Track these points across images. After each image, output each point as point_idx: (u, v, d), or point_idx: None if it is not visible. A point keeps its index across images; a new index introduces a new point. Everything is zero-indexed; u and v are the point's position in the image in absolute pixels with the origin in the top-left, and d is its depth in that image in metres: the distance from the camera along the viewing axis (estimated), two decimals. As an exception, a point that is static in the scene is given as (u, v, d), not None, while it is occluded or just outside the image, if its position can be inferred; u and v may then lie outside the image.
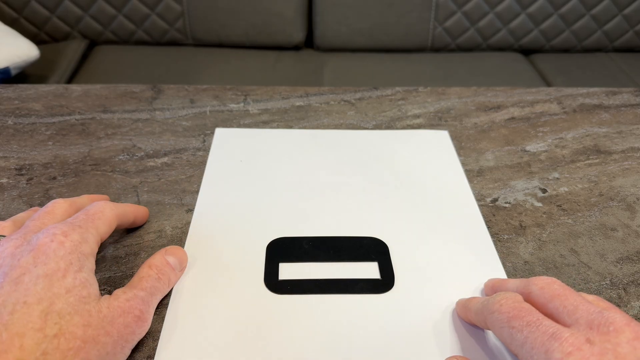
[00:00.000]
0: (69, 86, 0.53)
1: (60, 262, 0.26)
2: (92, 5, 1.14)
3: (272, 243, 0.36)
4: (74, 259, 0.27)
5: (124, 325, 0.27)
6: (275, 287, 0.33)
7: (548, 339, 0.23)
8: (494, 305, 0.27)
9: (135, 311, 0.28)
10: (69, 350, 0.24)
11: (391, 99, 0.54)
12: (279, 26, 1.19)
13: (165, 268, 0.31)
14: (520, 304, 0.26)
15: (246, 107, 0.51)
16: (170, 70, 1.13)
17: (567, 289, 0.27)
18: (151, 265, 0.31)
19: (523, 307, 0.26)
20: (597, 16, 1.20)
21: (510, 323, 0.25)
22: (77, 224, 0.29)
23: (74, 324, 0.25)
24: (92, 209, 0.31)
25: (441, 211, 0.39)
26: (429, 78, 1.14)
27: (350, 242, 0.37)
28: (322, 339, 0.30)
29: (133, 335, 0.27)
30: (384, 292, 0.33)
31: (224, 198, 0.40)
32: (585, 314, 0.24)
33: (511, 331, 0.25)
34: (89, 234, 0.29)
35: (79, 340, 0.24)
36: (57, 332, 0.24)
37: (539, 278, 0.28)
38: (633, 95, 0.56)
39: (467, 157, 0.46)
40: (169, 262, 0.32)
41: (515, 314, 0.25)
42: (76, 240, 0.28)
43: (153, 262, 0.31)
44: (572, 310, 0.25)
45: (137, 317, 0.28)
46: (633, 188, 0.43)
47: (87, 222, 0.30)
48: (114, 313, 0.27)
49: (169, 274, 0.31)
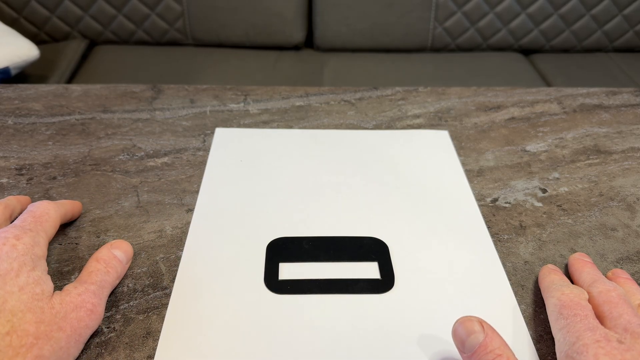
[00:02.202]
0: (69, 86, 0.53)
1: (13, 262, 0.27)
2: (92, 5, 1.14)
3: (272, 243, 0.36)
4: (27, 260, 0.27)
5: (77, 319, 0.27)
6: (275, 287, 0.33)
7: (585, 330, 0.26)
8: (558, 292, 0.30)
9: (87, 305, 0.28)
10: (21, 347, 0.24)
11: (391, 99, 0.54)
12: (279, 26, 1.19)
13: (112, 261, 0.32)
14: (580, 300, 0.29)
15: (246, 107, 0.51)
16: (170, 70, 1.12)
17: (622, 299, 0.29)
18: (98, 259, 0.31)
19: (580, 303, 0.29)
20: (597, 16, 1.20)
21: (561, 310, 0.29)
22: (27, 228, 0.29)
23: (26, 321, 0.25)
24: (38, 211, 0.31)
25: (441, 211, 0.39)
26: (429, 78, 1.13)
27: (350, 242, 0.36)
28: (322, 338, 0.30)
29: (87, 329, 0.28)
30: (384, 292, 0.33)
31: (224, 198, 0.40)
32: (626, 322, 0.27)
33: (558, 316, 0.28)
34: (39, 236, 0.30)
35: (32, 337, 0.25)
36: (10, 330, 0.24)
37: (605, 282, 0.30)
38: (633, 95, 0.56)
39: (467, 157, 0.46)
40: (116, 255, 0.32)
41: (569, 305, 0.28)
42: (28, 243, 0.28)
43: (100, 256, 0.32)
44: (617, 316, 0.27)
45: (89, 311, 0.28)
46: (633, 188, 0.43)
47: (37, 224, 0.30)
48: (67, 308, 0.27)
49: (116, 266, 0.32)
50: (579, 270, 0.33)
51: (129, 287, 0.33)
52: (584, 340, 0.25)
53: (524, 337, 0.30)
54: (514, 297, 0.33)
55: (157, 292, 0.32)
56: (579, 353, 0.25)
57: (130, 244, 0.34)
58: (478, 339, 0.26)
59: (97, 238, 0.36)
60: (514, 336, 0.30)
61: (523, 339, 0.30)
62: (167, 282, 0.33)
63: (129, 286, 0.33)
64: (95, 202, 0.39)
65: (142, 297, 0.32)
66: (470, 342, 0.26)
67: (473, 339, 0.26)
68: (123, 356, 0.29)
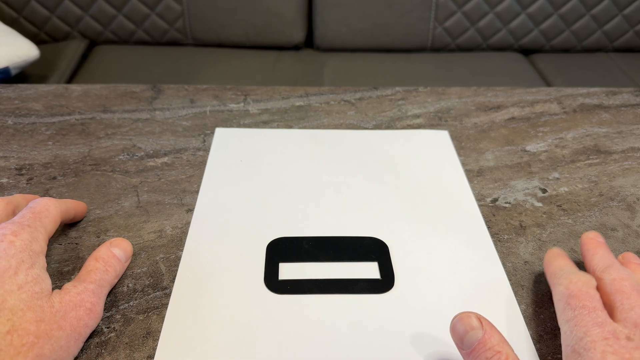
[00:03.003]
0: (69, 86, 0.53)
1: (11, 260, 0.26)
2: (92, 5, 1.14)
3: (272, 243, 0.36)
4: (26, 257, 0.27)
5: (76, 318, 0.27)
6: (276, 287, 0.33)
7: (593, 325, 0.26)
8: (565, 279, 0.29)
9: (86, 304, 0.28)
10: (22, 346, 0.24)
11: (391, 99, 0.54)
12: (278, 26, 1.19)
13: (111, 260, 0.32)
14: (588, 289, 0.28)
15: (246, 107, 0.51)
16: (170, 70, 1.12)
17: (635, 290, 0.28)
18: (97, 258, 0.31)
19: (588, 293, 0.28)
20: (597, 16, 1.20)
21: (569, 300, 0.28)
22: (25, 223, 0.29)
23: (26, 319, 0.25)
24: (38, 206, 0.31)
25: (441, 211, 0.39)
26: (429, 78, 1.13)
27: (350, 242, 0.36)
28: (322, 338, 0.30)
29: (86, 328, 0.28)
30: (384, 292, 0.33)
31: (224, 198, 0.40)
32: (637, 316, 0.26)
33: (566, 306, 0.27)
34: (38, 232, 0.29)
35: (32, 335, 0.25)
36: (10, 329, 0.24)
37: (619, 268, 0.29)
38: (633, 95, 0.56)
39: (467, 157, 0.46)
40: (115, 254, 0.32)
41: (577, 294, 0.27)
42: (26, 239, 0.28)
43: (99, 254, 0.31)
44: (628, 308, 0.26)
45: (88, 310, 0.28)
46: (633, 188, 0.43)
47: (35, 220, 0.30)
48: (66, 307, 0.27)
49: (115, 265, 0.32)
50: (592, 251, 0.32)
51: (129, 287, 0.33)
52: (592, 337, 0.25)
53: (524, 337, 0.30)
54: (514, 297, 0.33)
55: (157, 292, 0.32)
56: (586, 350, 0.25)
57: (129, 242, 0.34)
58: (477, 335, 0.25)
59: (97, 238, 0.36)
60: (514, 336, 0.30)
61: (523, 339, 0.30)
62: (167, 282, 0.33)
63: (129, 286, 0.33)
64: (95, 202, 0.39)
65: (142, 297, 0.32)
66: (469, 339, 0.25)
67: (472, 336, 0.25)
68: (123, 356, 0.29)
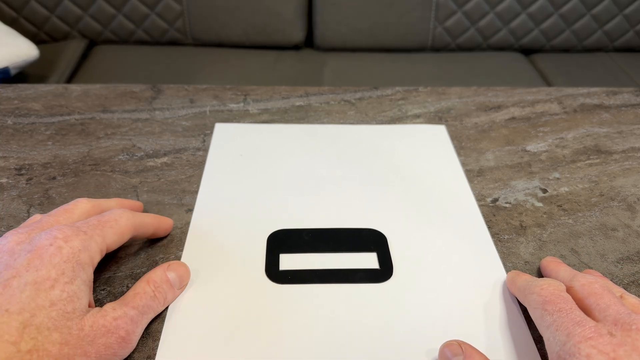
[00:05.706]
0: (69, 86, 0.53)
1: (52, 270, 0.25)
2: (92, 5, 1.14)
3: (273, 235, 0.37)
4: (68, 269, 0.26)
5: (105, 346, 0.26)
6: (276, 277, 0.33)
7: (573, 325, 0.25)
8: (536, 287, 0.29)
9: (120, 332, 0.26)
10: None
11: (391, 98, 0.54)
12: (278, 26, 1.19)
13: (163, 285, 0.30)
14: (560, 292, 0.28)
15: (246, 107, 0.51)
16: (170, 70, 1.12)
17: (606, 290, 0.28)
18: (149, 281, 0.30)
19: (561, 296, 0.28)
20: (598, 16, 1.20)
21: (545, 306, 0.28)
22: (82, 229, 0.28)
23: (51, 340, 0.24)
24: (107, 215, 0.30)
25: (438, 203, 0.40)
26: (429, 78, 1.13)
27: (350, 234, 0.37)
28: (322, 327, 0.30)
29: (114, 357, 0.26)
30: (382, 282, 0.33)
31: (225, 192, 0.40)
32: (615, 313, 0.26)
33: (543, 313, 0.27)
34: (92, 241, 0.28)
35: (53, 358, 0.24)
36: (31, 348, 0.23)
37: (585, 275, 0.30)
38: (633, 95, 0.56)
39: (467, 157, 0.45)
40: (169, 279, 0.30)
41: (551, 299, 0.28)
42: (76, 247, 0.27)
43: (152, 277, 0.30)
44: (604, 308, 0.27)
45: (121, 338, 0.26)
46: (634, 188, 0.43)
47: (95, 228, 0.28)
48: (97, 332, 0.25)
49: (166, 292, 0.30)
50: (555, 270, 0.33)
51: (128, 287, 0.33)
52: (575, 339, 0.25)
53: (524, 337, 0.30)
54: (515, 297, 0.33)
55: (156, 292, 0.32)
56: (570, 355, 0.24)
57: (188, 268, 0.32)
58: None
59: (96, 238, 0.36)
60: (514, 336, 0.30)
61: (523, 339, 0.30)
62: (166, 282, 0.33)
63: (129, 286, 0.33)
64: (94, 202, 0.39)
65: (141, 297, 0.32)
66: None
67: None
68: (123, 357, 0.29)
